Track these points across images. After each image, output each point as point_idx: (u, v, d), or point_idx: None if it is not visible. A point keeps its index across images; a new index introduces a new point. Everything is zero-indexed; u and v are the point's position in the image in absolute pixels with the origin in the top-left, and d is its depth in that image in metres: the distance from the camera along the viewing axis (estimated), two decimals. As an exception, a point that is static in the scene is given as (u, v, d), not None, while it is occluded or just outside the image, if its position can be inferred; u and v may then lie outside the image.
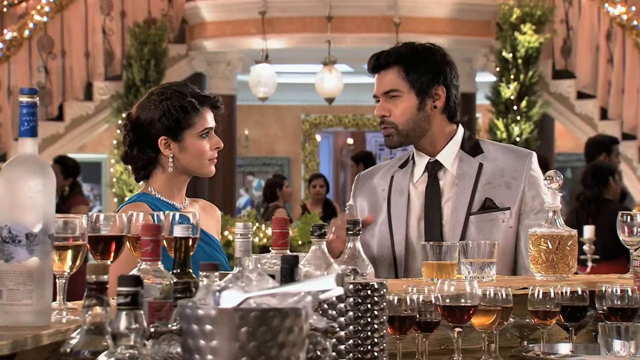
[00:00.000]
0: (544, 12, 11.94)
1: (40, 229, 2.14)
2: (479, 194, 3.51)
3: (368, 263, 2.53)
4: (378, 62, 3.56)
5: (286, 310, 1.84)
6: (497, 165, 3.55)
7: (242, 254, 2.16)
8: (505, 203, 3.51)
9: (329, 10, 11.69)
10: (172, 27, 12.56)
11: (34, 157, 2.17)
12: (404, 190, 3.60)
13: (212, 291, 1.92)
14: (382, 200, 3.62)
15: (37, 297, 2.14)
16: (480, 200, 3.50)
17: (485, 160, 3.57)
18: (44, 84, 11.96)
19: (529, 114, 11.96)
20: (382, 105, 3.56)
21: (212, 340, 1.82)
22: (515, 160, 3.57)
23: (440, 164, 3.59)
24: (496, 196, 3.51)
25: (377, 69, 3.57)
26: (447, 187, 3.56)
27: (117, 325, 1.84)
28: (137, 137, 3.43)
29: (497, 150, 3.62)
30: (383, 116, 3.55)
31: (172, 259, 2.26)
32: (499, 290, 2.68)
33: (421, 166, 3.62)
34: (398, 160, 3.70)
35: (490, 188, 3.52)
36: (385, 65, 3.55)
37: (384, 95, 3.55)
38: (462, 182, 3.53)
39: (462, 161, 3.57)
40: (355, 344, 2.33)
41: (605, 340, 2.69)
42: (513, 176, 3.54)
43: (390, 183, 3.64)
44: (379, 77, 3.57)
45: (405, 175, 3.63)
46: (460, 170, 3.55)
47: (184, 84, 3.51)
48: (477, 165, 3.55)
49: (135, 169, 3.49)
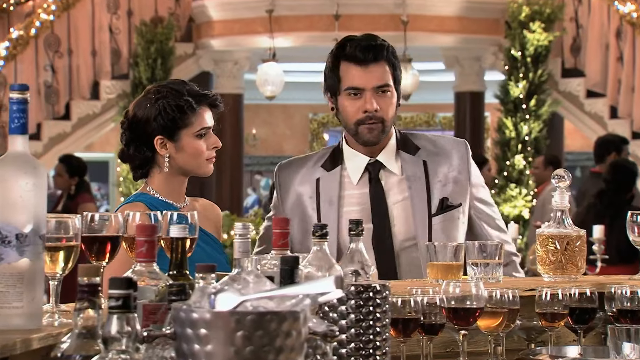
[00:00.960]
0: (553, 10, 11.90)
1: (31, 229, 2.09)
2: (434, 193, 3.46)
3: (371, 264, 2.48)
4: (371, 54, 3.41)
5: (284, 313, 1.80)
6: (439, 160, 3.50)
7: (241, 255, 2.11)
8: (457, 199, 3.48)
9: (337, 8, 11.67)
10: (179, 26, 12.56)
11: (24, 155, 2.11)
12: (334, 199, 3.47)
13: (207, 294, 1.87)
14: (312, 211, 3.49)
15: (27, 299, 2.09)
16: (437, 200, 3.46)
17: (426, 156, 3.50)
18: (50, 82, 11.97)
19: (538, 113, 11.92)
20: (372, 99, 3.41)
21: (206, 344, 1.78)
22: (455, 153, 3.52)
23: (381, 164, 3.50)
24: (449, 194, 3.48)
25: (367, 61, 3.41)
26: (393, 188, 3.48)
27: (108, 329, 1.80)
28: (133, 136, 3.38)
29: (430, 144, 3.55)
30: (374, 111, 3.42)
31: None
32: (506, 292, 2.64)
33: (358, 167, 3.50)
34: (319, 159, 3.56)
35: (441, 186, 3.48)
36: (378, 59, 3.42)
37: (374, 90, 3.41)
38: (414, 185, 3.46)
39: (405, 162, 3.50)
40: (357, 347, 2.28)
41: (614, 343, 2.65)
42: (458, 170, 3.51)
43: (317, 189, 3.51)
44: (369, 70, 3.41)
45: (333, 180, 3.50)
46: (408, 172, 3.48)
47: (181, 82, 3.44)
48: (422, 163, 3.49)
49: (133, 168, 3.44)
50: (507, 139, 11.93)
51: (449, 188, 3.48)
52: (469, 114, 12.81)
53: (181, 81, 3.46)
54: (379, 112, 3.42)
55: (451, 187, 3.49)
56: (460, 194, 3.49)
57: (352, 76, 3.43)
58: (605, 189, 7.58)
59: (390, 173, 3.49)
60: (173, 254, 2.22)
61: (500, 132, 12.09)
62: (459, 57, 12.78)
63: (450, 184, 3.49)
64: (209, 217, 3.52)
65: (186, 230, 2.23)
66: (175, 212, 2.56)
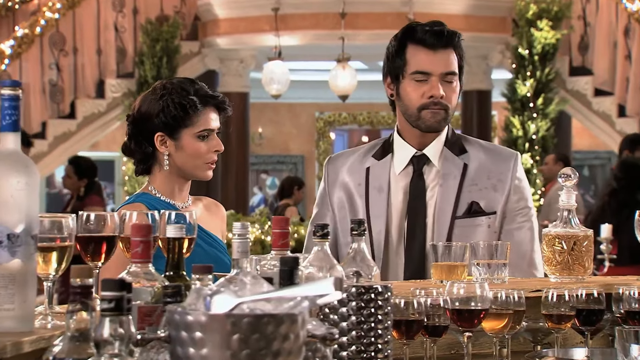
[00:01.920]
0: (560, 8, 11.86)
1: (22, 229, 2.04)
2: (464, 195, 3.39)
3: (373, 264, 2.44)
4: (442, 40, 3.36)
5: (281, 316, 1.77)
6: (483, 167, 3.43)
7: (240, 255, 2.07)
8: (491, 206, 3.39)
9: (343, 6, 11.64)
10: (185, 24, 12.56)
11: (16, 154, 2.06)
12: (384, 187, 3.44)
13: (203, 295, 1.83)
14: (359, 197, 3.45)
15: (19, 301, 2.04)
16: (465, 203, 3.38)
17: (470, 161, 3.44)
18: (55, 81, 11.96)
19: (546, 112, 11.89)
20: (438, 85, 3.35)
21: (202, 348, 1.75)
22: (500, 162, 3.44)
23: (426, 158, 3.45)
24: (482, 199, 3.39)
25: (438, 46, 3.36)
26: (432, 183, 3.43)
27: (101, 332, 1.77)
28: (135, 130, 3.35)
29: (481, 150, 3.48)
30: (440, 97, 3.35)
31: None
32: (511, 293, 2.61)
33: (404, 158, 3.45)
34: (370, 149, 3.53)
35: (476, 190, 3.40)
36: (448, 45, 3.38)
37: (442, 76, 3.36)
38: (446, 182, 3.40)
39: (446, 159, 3.44)
40: (358, 350, 2.25)
41: (622, 345, 2.60)
42: (499, 178, 3.42)
43: (366, 177, 3.47)
44: (439, 55, 3.36)
45: (384, 168, 3.46)
46: (445, 170, 3.42)
47: (191, 81, 3.39)
48: (462, 165, 3.43)
49: (135, 162, 3.42)
50: (514, 138, 11.89)
51: (484, 194, 3.39)
52: (475, 113, 12.77)
53: (191, 80, 3.41)
54: (444, 99, 3.36)
55: (488, 194, 3.39)
56: (496, 203, 3.39)
57: (420, 60, 3.37)
58: (617, 188, 7.50)
59: (432, 168, 3.44)
60: (170, 255, 2.19)
61: (508, 130, 12.05)
62: (466, 56, 12.71)
63: (487, 190, 3.40)
64: (213, 216, 3.48)
65: (183, 230, 2.19)
66: (174, 211, 2.51)
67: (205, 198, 3.56)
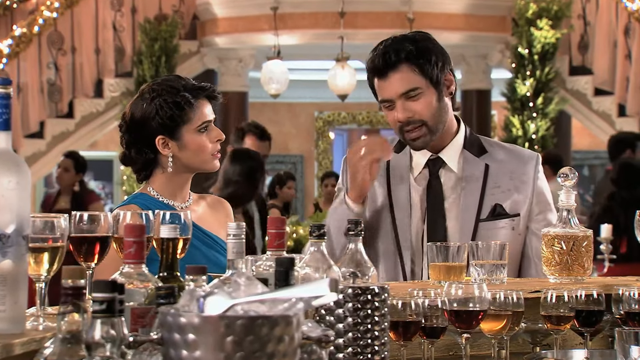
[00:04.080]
0: (560, 7, 11.84)
1: (13, 229, 2.01)
2: (487, 198, 3.35)
3: (370, 265, 2.40)
4: (387, 62, 3.30)
5: (275, 318, 1.74)
6: (505, 167, 3.40)
7: (234, 256, 2.05)
8: (515, 208, 3.36)
9: (342, 5, 11.61)
10: (184, 23, 12.54)
11: (7, 153, 2.03)
12: (405, 176, 3.41)
13: (196, 297, 1.80)
14: (380, 186, 3.42)
15: (10, 302, 2.01)
16: (489, 206, 3.35)
17: (491, 161, 3.41)
18: (53, 80, 11.94)
19: (545, 111, 11.86)
20: (402, 108, 3.31)
21: (195, 350, 1.73)
22: (522, 163, 3.41)
23: (442, 162, 3.42)
24: (505, 201, 3.36)
25: (386, 71, 3.31)
26: (450, 188, 3.39)
27: (92, 334, 1.75)
28: (133, 138, 3.29)
29: (502, 150, 3.45)
30: (408, 118, 3.32)
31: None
32: (510, 294, 2.59)
33: (420, 161, 3.43)
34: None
35: (499, 192, 3.36)
36: (397, 64, 3.30)
37: (401, 97, 3.31)
38: (469, 185, 3.37)
39: (467, 162, 3.40)
40: (354, 352, 2.23)
41: (622, 347, 2.59)
42: (522, 179, 3.39)
43: (387, 168, 3.43)
44: (390, 79, 3.31)
45: (404, 159, 3.43)
46: (466, 172, 3.38)
47: (176, 77, 3.36)
48: (484, 166, 3.39)
49: (136, 170, 3.35)
50: (514, 138, 11.86)
51: (508, 196, 3.36)
52: (475, 113, 12.74)
53: (176, 76, 3.38)
54: (415, 117, 3.32)
55: (511, 195, 3.36)
56: (520, 204, 3.36)
57: (379, 89, 3.36)
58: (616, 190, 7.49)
59: (450, 171, 3.41)
60: (163, 255, 2.16)
61: (507, 130, 12.03)
62: (465, 55, 12.72)
63: (510, 192, 3.36)
64: (217, 213, 3.42)
65: (177, 230, 2.16)
66: (169, 211, 2.48)
67: (209, 196, 3.54)
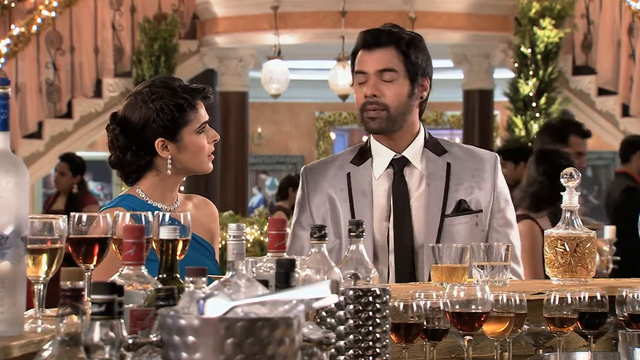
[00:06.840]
0: (563, 6, 11.81)
1: (12, 230, 2.00)
2: (451, 195, 3.41)
3: (371, 267, 2.39)
4: (378, 38, 3.38)
5: (276, 320, 1.73)
6: (466, 166, 3.46)
7: (235, 257, 2.03)
8: (477, 205, 3.42)
9: (343, 5, 11.60)
10: (183, 23, 12.53)
11: (5, 153, 2.02)
12: (367, 191, 3.44)
13: (196, 299, 1.78)
14: (342, 202, 3.45)
15: (8, 304, 2.00)
16: (453, 202, 3.40)
17: (452, 159, 3.46)
18: (52, 80, 11.92)
19: (548, 111, 11.84)
20: (374, 85, 3.37)
21: (195, 352, 1.71)
22: (482, 161, 3.47)
23: (406, 160, 3.45)
24: (468, 197, 3.41)
25: (374, 46, 3.39)
26: (415, 185, 3.44)
27: (91, 336, 1.74)
28: (129, 142, 3.23)
29: (461, 150, 3.52)
30: (374, 95, 3.37)
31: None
32: (512, 296, 2.59)
33: (383, 161, 3.46)
34: (349, 154, 3.53)
35: (462, 189, 3.42)
36: (386, 43, 3.38)
37: (377, 74, 3.37)
38: (433, 182, 3.42)
39: (429, 160, 3.45)
40: (355, 354, 2.21)
41: (625, 349, 2.60)
42: (482, 177, 3.45)
43: (348, 182, 3.47)
44: (374, 53, 3.38)
45: (364, 173, 3.46)
46: (429, 170, 3.43)
47: (170, 78, 3.33)
48: (446, 164, 3.45)
49: (127, 173, 3.30)
50: (517, 138, 11.84)
51: (470, 193, 3.42)
52: (477, 113, 12.73)
53: (170, 77, 3.35)
54: (381, 99, 3.36)
55: (473, 192, 3.42)
56: (482, 201, 3.42)
57: (359, 60, 3.43)
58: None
59: (413, 169, 3.45)
60: (163, 257, 2.15)
61: (510, 130, 12.01)
62: (468, 55, 12.71)
63: (472, 189, 3.42)
64: (201, 215, 3.36)
65: (177, 231, 2.14)
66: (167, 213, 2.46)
67: (196, 196, 3.49)
